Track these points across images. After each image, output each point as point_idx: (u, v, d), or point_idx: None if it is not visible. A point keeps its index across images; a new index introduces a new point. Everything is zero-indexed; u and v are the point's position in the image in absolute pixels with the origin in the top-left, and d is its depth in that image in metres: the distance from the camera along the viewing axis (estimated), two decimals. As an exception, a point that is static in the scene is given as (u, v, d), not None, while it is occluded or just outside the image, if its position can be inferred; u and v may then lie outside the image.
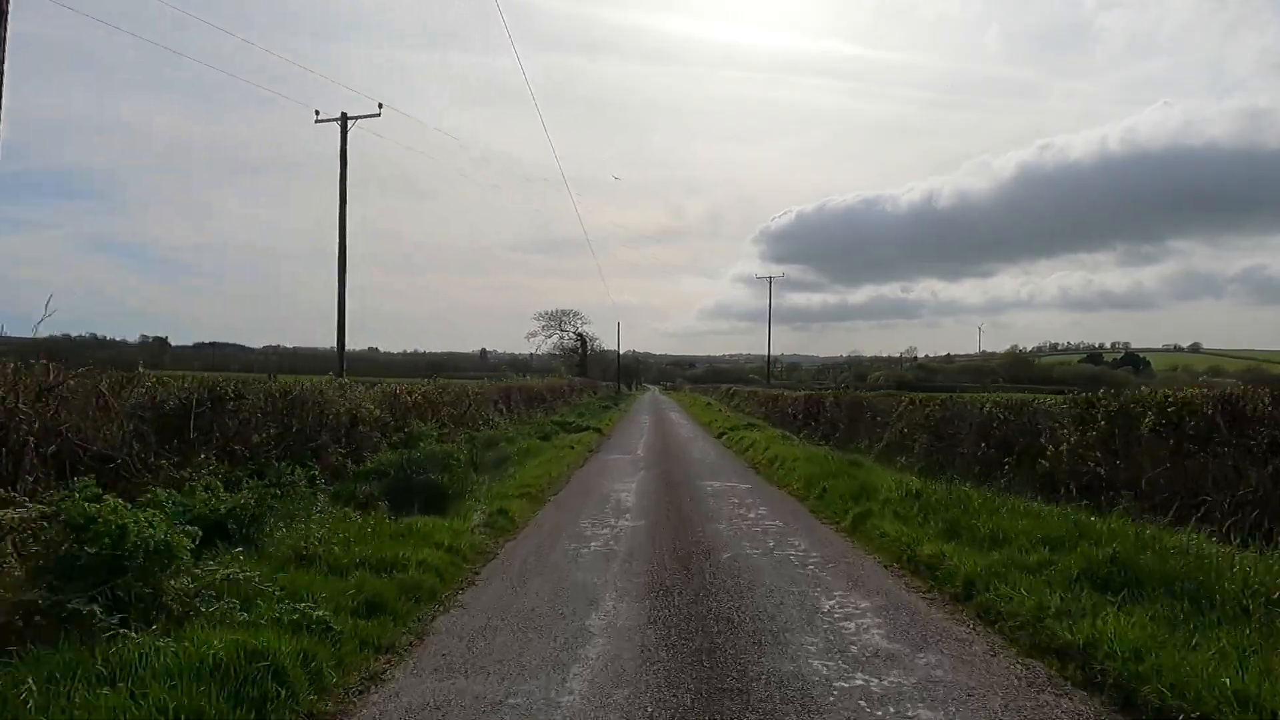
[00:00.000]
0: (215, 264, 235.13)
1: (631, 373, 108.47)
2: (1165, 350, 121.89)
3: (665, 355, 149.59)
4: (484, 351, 66.76)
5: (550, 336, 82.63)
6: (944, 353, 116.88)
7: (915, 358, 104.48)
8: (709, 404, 48.59)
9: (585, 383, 60.04)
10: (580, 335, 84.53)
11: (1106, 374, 71.32)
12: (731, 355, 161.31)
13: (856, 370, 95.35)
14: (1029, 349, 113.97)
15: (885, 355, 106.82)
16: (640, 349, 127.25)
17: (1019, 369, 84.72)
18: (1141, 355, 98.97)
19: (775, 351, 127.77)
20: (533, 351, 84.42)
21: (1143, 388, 10.67)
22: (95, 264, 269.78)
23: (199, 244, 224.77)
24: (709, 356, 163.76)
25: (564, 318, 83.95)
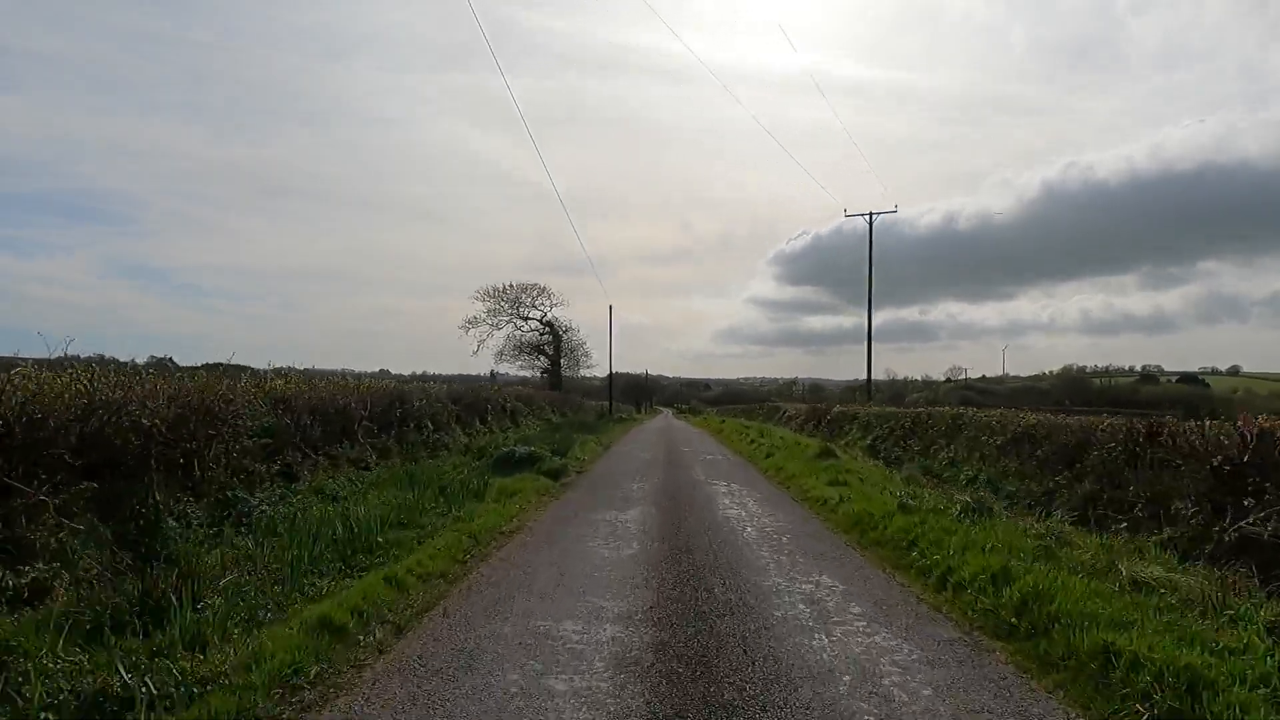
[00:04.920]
0: (231, 286, 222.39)
1: (643, 392, 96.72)
2: (1203, 372, 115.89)
3: (679, 377, 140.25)
4: (493, 373, 57.27)
5: (501, 326, 53.36)
6: (965, 376, 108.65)
7: (951, 379, 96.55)
8: (798, 444, 21.40)
9: (547, 398, 37.28)
10: (549, 324, 54.30)
11: (1200, 394, 64.01)
12: (746, 378, 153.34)
13: (891, 390, 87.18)
14: (1067, 368, 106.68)
15: (920, 377, 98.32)
16: (653, 370, 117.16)
17: (1075, 389, 77.14)
18: (1201, 377, 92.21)
19: (788, 375, 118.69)
20: (474, 350, 55.73)
21: None
22: (107, 284, 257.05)
23: (215, 266, 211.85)
24: (723, 379, 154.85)
25: (521, 295, 53.32)
